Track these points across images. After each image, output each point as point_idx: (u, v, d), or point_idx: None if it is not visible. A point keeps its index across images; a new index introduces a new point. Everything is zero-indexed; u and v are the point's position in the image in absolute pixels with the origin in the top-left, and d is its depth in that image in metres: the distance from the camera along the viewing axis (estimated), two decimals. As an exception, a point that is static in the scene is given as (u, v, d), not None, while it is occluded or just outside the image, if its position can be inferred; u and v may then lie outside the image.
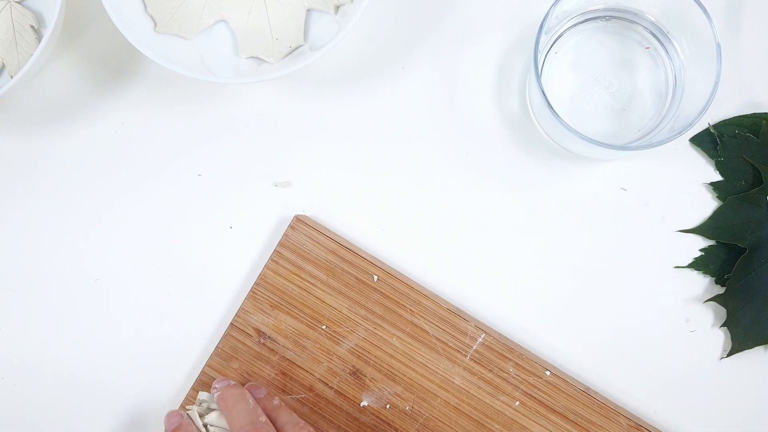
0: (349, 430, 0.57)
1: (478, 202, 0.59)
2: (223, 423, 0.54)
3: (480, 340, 0.56)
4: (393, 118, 0.60)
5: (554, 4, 0.52)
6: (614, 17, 0.57)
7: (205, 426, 0.54)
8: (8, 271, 0.61)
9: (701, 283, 0.58)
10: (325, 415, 0.57)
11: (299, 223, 0.58)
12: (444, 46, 0.60)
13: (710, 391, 0.58)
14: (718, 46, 0.51)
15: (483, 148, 0.60)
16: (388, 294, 0.57)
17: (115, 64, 0.62)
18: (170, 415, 0.54)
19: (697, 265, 0.58)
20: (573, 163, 0.59)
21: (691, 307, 0.58)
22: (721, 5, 0.59)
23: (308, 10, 0.59)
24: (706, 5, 0.51)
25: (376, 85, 0.61)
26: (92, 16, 0.61)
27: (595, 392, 0.56)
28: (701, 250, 0.58)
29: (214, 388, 0.55)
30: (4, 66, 0.60)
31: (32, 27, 0.59)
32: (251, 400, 0.54)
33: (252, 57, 0.59)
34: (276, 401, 0.55)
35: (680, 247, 0.58)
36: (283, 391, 0.57)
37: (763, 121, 0.57)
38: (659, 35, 0.57)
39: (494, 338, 0.56)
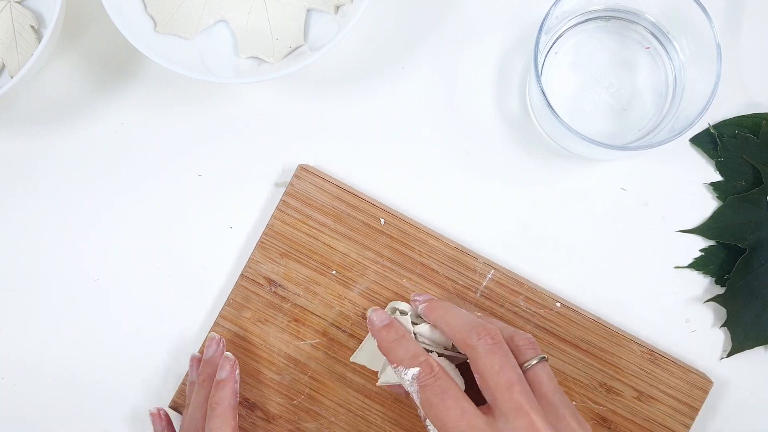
0: (363, 372, 0.57)
1: (477, 202, 0.59)
2: (436, 336, 0.50)
3: (489, 276, 0.57)
4: (393, 118, 0.60)
5: (554, 4, 0.52)
6: (614, 17, 0.57)
7: (414, 335, 0.50)
8: (8, 271, 0.61)
9: (701, 283, 0.58)
10: (340, 358, 0.57)
11: (303, 171, 0.58)
12: (444, 46, 0.60)
13: (710, 391, 0.58)
14: (718, 46, 0.51)
15: (483, 148, 0.60)
16: (395, 236, 0.58)
17: (115, 64, 0.62)
18: (378, 312, 0.50)
19: (697, 265, 0.58)
20: (573, 163, 0.59)
21: (691, 307, 0.58)
22: (721, 5, 0.59)
23: (308, 10, 0.59)
24: (706, 5, 0.51)
25: (376, 85, 0.60)
26: (92, 16, 0.61)
27: (607, 321, 0.57)
28: (701, 250, 0.58)
29: (415, 300, 0.52)
30: (4, 66, 0.60)
31: (32, 27, 0.59)
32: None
33: (252, 57, 0.59)
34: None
35: (680, 247, 0.58)
36: (297, 337, 0.58)
37: (763, 121, 0.57)
38: (659, 35, 0.57)
39: (503, 273, 0.57)
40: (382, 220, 0.58)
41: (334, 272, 0.58)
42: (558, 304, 0.57)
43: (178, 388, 0.58)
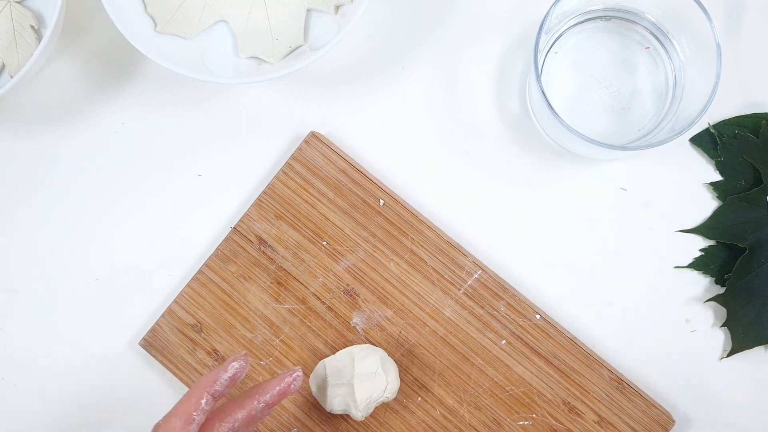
0: (335, 345, 0.58)
1: (477, 201, 0.59)
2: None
3: (476, 276, 0.57)
4: (393, 118, 0.60)
5: (554, 4, 0.52)
6: (614, 17, 0.57)
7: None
8: (8, 271, 0.61)
9: (701, 283, 0.58)
10: (314, 328, 0.58)
11: (314, 138, 0.59)
12: (444, 46, 0.60)
13: (710, 391, 0.58)
14: (718, 46, 0.51)
15: (483, 148, 0.60)
16: (391, 219, 0.58)
17: (115, 64, 0.62)
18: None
19: (697, 265, 0.58)
20: (573, 163, 0.59)
21: (691, 307, 0.58)
22: (721, 5, 0.59)
23: (308, 10, 0.59)
24: (706, 5, 0.51)
25: (376, 85, 0.61)
26: (92, 16, 0.61)
27: (582, 343, 0.57)
28: (701, 250, 0.58)
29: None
30: (4, 66, 0.60)
31: (32, 27, 0.59)
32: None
33: (252, 57, 0.59)
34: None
35: (680, 247, 0.58)
36: (276, 299, 0.58)
37: (763, 121, 0.57)
38: (659, 35, 0.57)
39: (490, 276, 0.57)
40: (382, 202, 0.58)
41: (324, 243, 0.58)
42: (538, 316, 0.57)
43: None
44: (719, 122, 0.58)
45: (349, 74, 0.61)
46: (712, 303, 0.58)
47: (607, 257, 0.59)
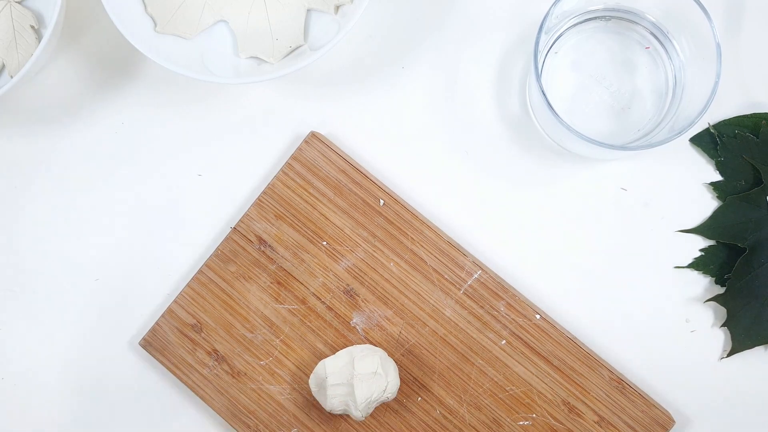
0: (335, 345, 0.58)
1: (477, 201, 0.59)
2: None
3: (476, 276, 0.57)
4: (393, 119, 0.60)
5: (554, 4, 0.52)
6: (614, 17, 0.57)
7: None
8: (8, 271, 0.61)
9: (701, 283, 0.58)
10: (314, 328, 0.58)
11: (314, 138, 0.59)
12: (444, 46, 0.60)
13: (710, 391, 0.58)
14: (718, 46, 0.51)
15: (483, 148, 0.60)
16: (391, 219, 0.58)
17: (115, 64, 0.62)
18: None
19: (697, 265, 0.58)
20: (573, 163, 0.59)
21: (691, 307, 0.58)
22: (721, 5, 0.59)
23: (308, 10, 0.59)
24: (706, 5, 0.51)
25: (376, 85, 0.61)
26: (92, 16, 0.62)
27: (582, 343, 0.57)
28: (701, 250, 0.58)
29: None
30: (4, 66, 0.60)
31: (32, 27, 0.59)
32: None
33: (252, 57, 0.59)
34: None
35: (680, 247, 0.58)
36: (276, 299, 0.58)
37: (763, 121, 0.57)
38: (659, 35, 0.57)
39: (490, 276, 0.57)
40: (382, 202, 0.58)
41: (324, 243, 0.58)
42: (538, 316, 0.57)
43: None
44: (719, 122, 0.58)
45: (349, 74, 0.61)
46: (712, 303, 0.58)
47: (607, 257, 0.59)
